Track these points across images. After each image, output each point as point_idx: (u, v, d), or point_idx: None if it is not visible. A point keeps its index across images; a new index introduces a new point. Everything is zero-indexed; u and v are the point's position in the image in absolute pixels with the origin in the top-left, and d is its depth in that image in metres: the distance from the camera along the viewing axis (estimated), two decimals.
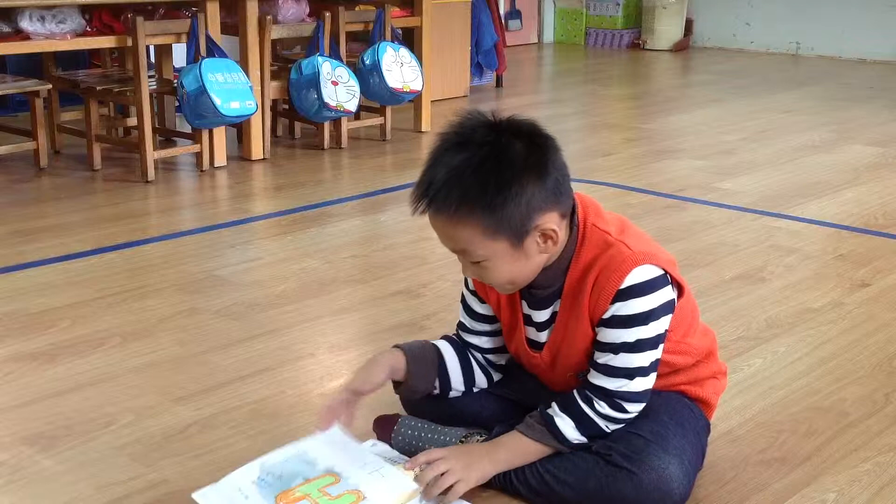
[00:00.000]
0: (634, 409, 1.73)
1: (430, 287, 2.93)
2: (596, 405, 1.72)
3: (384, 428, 1.95)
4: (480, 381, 1.94)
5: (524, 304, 1.81)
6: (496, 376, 1.95)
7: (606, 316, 1.69)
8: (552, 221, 1.65)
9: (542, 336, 1.81)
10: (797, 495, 1.83)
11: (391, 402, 2.02)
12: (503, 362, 1.95)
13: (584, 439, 1.74)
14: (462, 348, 1.92)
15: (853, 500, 1.82)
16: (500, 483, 1.80)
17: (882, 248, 3.30)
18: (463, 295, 1.92)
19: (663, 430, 1.72)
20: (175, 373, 2.35)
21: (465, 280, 1.89)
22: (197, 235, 3.46)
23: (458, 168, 1.61)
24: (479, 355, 1.93)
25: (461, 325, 1.94)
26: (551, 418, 1.74)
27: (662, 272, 1.69)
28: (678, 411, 1.79)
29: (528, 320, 1.82)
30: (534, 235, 1.64)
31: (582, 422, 1.73)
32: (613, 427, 1.74)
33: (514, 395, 1.93)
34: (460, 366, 1.91)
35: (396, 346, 1.89)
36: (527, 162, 1.61)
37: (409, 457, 1.82)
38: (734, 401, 2.17)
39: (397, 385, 1.91)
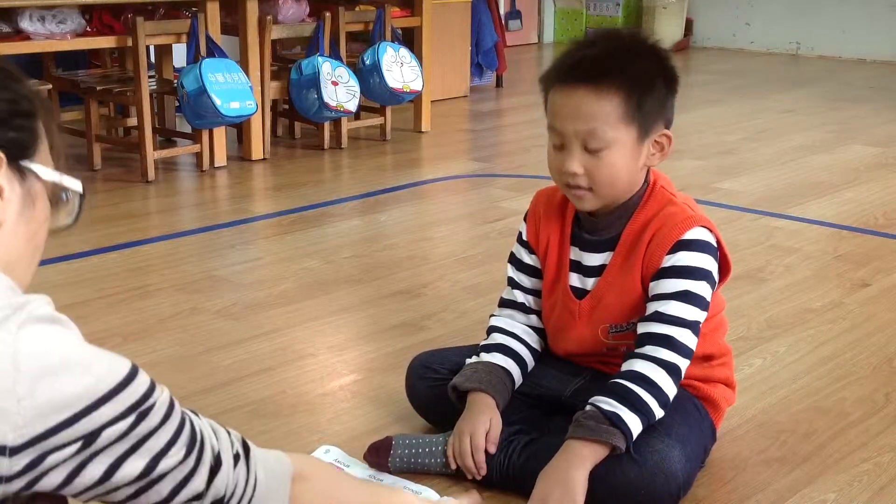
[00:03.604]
0: (679, 361, 1.71)
1: (430, 287, 2.93)
2: (642, 352, 1.71)
3: (379, 454, 1.87)
4: (531, 364, 1.95)
5: (573, 249, 1.86)
6: (539, 346, 1.96)
7: (665, 265, 1.74)
8: (666, 134, 1.77)
9: (589, 283, 1.84)
10: (797, 495, 1.83)
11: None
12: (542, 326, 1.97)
13: (639, 424, 1.69)
14: (512, 350, 1.91)
15: (853, 500, 1.82)
16: (501, 474, 1.79)
17: (882, 248, 3.29)
18: (512, 252, 1.97)
19: (667, 419, 1.73)
20: (175, 373, 2.35)
21: (519, 233, 1.95)
22: (197, 235, 3.46)
23: (619, 49, 1.73)
24: (525, 327, 1.94)
25: (511, 282, 1.96)
26: (617, 416, 1.67)
27: (716, 246, 1.78)
28: (684, 407, 1.81)
29: (575, 266, 1.86)
30: (652, 138, 1.74)
31: (630, 398, 1.69)
32: (651, 392, 1.68)
33: (525, 388, 1.93)
34: (519, 368, 1.91)
35: (480, 390, 1.83)
36: (673, 75, 1.77)
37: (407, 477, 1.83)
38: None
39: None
